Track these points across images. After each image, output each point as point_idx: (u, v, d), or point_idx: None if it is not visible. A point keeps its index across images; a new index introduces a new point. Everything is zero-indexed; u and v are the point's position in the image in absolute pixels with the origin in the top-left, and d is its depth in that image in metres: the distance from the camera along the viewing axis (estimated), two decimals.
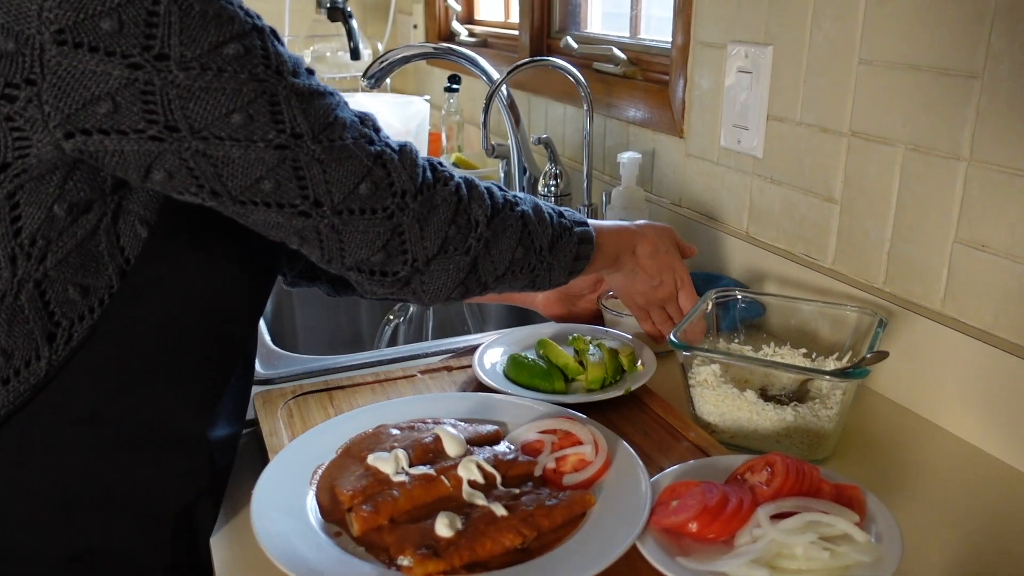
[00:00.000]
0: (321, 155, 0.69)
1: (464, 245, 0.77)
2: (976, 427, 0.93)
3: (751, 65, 1.20)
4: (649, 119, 1.48)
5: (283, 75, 0.67)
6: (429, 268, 0.76)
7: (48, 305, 0.67)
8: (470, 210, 0.77)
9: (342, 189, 0.70)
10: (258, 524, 0.70)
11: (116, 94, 0.61)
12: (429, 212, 0.75)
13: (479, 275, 0.79)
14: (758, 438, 0.90)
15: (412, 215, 0.74)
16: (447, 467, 0.76)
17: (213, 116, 0.64)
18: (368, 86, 1.59)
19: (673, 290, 1.02)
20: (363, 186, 0.71)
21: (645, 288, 1.01)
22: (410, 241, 0.74)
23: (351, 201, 0.71)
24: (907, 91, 0.97)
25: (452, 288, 0.78)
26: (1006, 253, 0.88)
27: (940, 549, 0.77)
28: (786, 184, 1.18)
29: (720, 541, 0.69)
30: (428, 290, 0.78)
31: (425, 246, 0.75)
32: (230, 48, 0.64)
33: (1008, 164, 0.87)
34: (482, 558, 0.67)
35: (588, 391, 0.96)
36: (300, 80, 0.68)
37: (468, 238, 0.77)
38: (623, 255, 0.97)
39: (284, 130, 0.66)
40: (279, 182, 0.68)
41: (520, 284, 0.84)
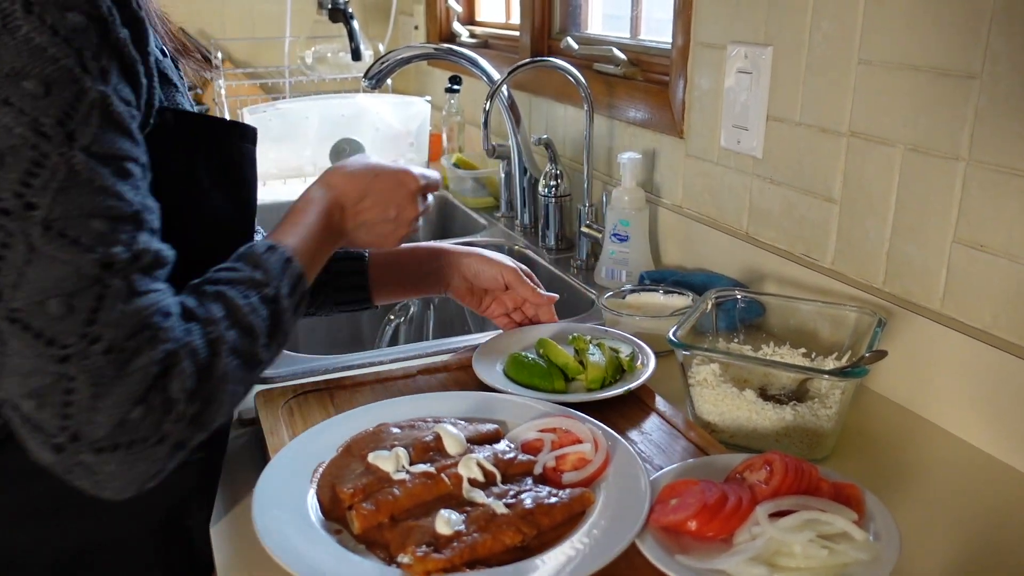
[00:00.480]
0: (37, 242, 0.57)
1: (155, 432, 0.60)
2: (974, 426, 0.93)
3: (751, 66, 1.21)
4: (649, 120, 1.48)
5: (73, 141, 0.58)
6: (102, 463, 0.58)
7: None
8: (168, 388, 0.60)
9: (30, 294, 0.57)
10: (259, 522, 0.70)
11: None
12: (114, 378, 0.58)
13: (191, 444, 0.64)
14: (757, 437, 0.90)
15: (90, 371, 0.57)
16: (447, 465, 0.77)
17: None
18: (369, 87, 1.60)
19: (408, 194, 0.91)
20: (54, 303, 0.57)
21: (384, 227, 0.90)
22: (76, 405, 0.57)
23: (32, 313, 0.57)
24: (906, 92, 0.97)
25: (147, 480, 0.62)
26: (1004, 253, 0.89)
27: (938, 547, 0.77)
28: (786, 184, 1.18)
29: (719, 539, 0.69)
30: (109, 487, 0.61)
31: (93, 421, 0.57)
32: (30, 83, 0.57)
33: (1006, 164, 0.87)
34: (482, 555, 0.67)
35: (588, 390, 0.96)
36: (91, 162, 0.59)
37: (163, 422, 0.60)
38: (335, 227, 0.86)
39: (23, 194, 0.57)
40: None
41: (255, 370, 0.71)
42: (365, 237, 0.90)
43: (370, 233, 0.90)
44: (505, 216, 1.85)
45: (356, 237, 0.90)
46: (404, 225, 0.91)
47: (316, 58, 2.55)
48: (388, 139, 2.11)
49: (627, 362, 1.00)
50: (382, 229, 0.90)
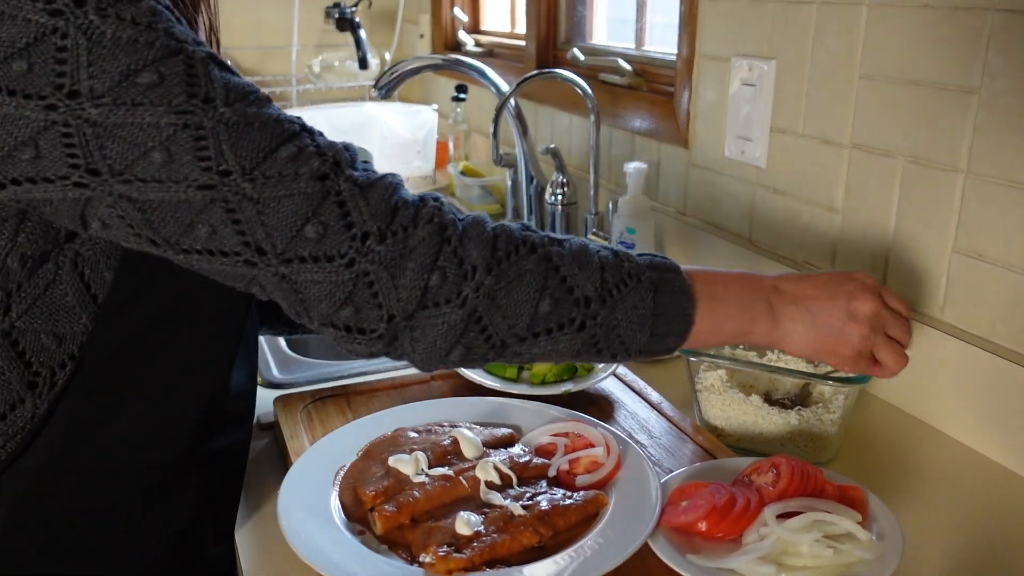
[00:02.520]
0: (253, 194, 0.60)
1: (457, 294, 0.63)
2: (975, 431, 0.96)
3: (755, 78, 1.23)
4: (654, 129, 1.51)
5: (212, 104, 0.60)
6: (414, 323, 0.63)
7: (23, 355, 0.67)
8: (462, 253, 0.64)
9: (284, 234, 0.61)
10: (285, 523, 0.73)
11: (38, 138, 0.58)
12: (401, 257, 0.62)
13: (489, 334, 0.65)
14: (763, 441, 0.93)
15: (378, 261, 0.62)
16: (465, 468, 0.79)
17: (133, 155, 0.58)
18: (378, 96, 1.63)
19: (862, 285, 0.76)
20: (309, 229, 0.61)
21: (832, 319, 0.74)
22: (382, 292, 0.62)
23: (298, 247, 0.61)
24: (907, 105, 1.00)
25: (448, 349, 0.65)
26: (1003, 262, 0.91)
27: (940, 548, 0.80)
28: (789, 194, 1.21)
29: (728, 540, 0.72)
30: (417, 351, 0.65)
31: (400, 297, 0.62)
32: (143, 76, 0.58)
33: (1004, 176, 0.90)
34: (501, 555, 0.70)
35: (531, 384, 1.01)
36: (237, 108, 0.60)
37: (461, 286, 0.63)
38: (761, 293, 0.73)
39: (210, 167, 0.59)
40: (213, 227, 0.60)
41: (571, 347, 0.67)
42: (807, 330, 0.73)
43: (815, 324, 0.73)
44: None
45: (795, 325, 0.73)
46: (856, 319, 0.73)
47: (323, 67, 2.58)
48: (395, 147, 2.14)
49: (581, 364, 1.04)
50: (826, 320, 0.73)
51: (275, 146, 0.61)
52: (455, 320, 0.64)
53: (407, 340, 0.64)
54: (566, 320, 0.66)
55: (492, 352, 0.66)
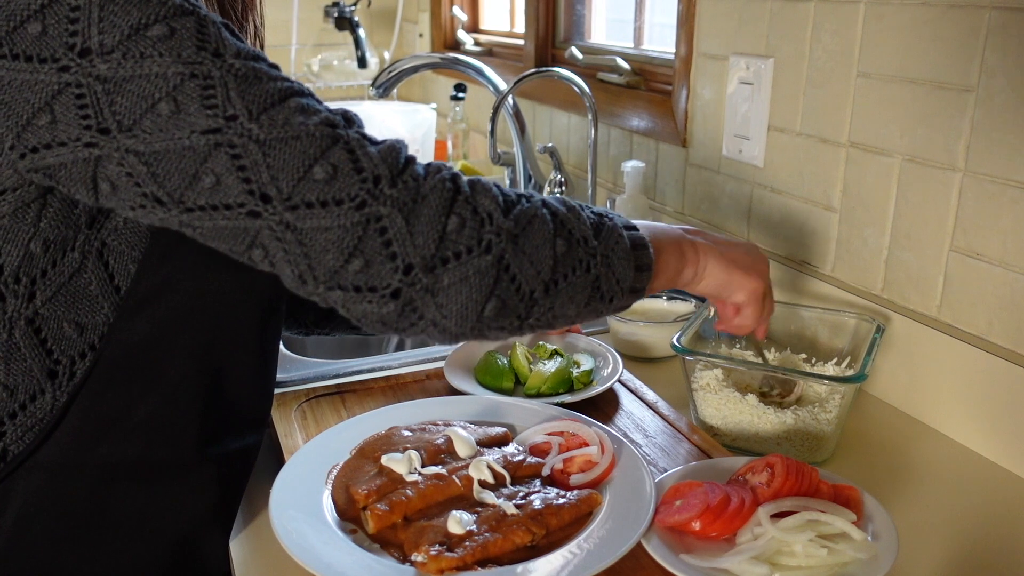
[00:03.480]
0: (260, 135, 0.58)
1: (479, 242, 0.60)
2: (971, 431, 0.95)
3: (752, 77, 1.23)
4: (652, 128, 1.51)
5: (221, 57, 0.59)
6: (437, 280, 0.59)
7: (45, 343, 0.67)
8: (474, 201, 0.62)
9: (290, 175, 0.58)
10: (277, 522, 0.72)
11: (53, 102, 0.58)
12: (415, 202, 0.59)
13: (518, 283, 0.61)
14: (759, 440, 0.93)
15: (390, 203, 0.59)
16: (458, 467, 0.79)
17: (141, 109, 0.57)
18: (376, 95, 1.62)
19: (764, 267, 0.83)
20: (318, 169, 0.58)
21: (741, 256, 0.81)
22: (396, 239, 0.59)
23: (305, 190, 0.58)
24: (904, 104, 1.00)
25: (483, 302, 0.60)
26: (1000, 261, 0.91)
27: (935, 548, 0.79)
28: (786, 193, 1.21)
29: (722, 539, 0.72)
30: (450, 313, 0.60)
31: (417, 244, 0.59)
32: (153, 30, 0.58)
33: (1001, 175, 0.89)
34: (493, 554, 0.70)
35: (525, 395, 1.00)
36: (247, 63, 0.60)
37: (481, 232, 0.60)
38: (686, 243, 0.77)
39: (216, 114, 0.58)
40: (218, 176, 0.58)
41: (582, 294, 0.66)
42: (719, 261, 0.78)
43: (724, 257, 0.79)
44: None
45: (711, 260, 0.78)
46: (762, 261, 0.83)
47: (322, 65, 2.58)
48: None
49: (578, 378, 1.02)
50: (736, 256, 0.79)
51: (284, 96, 0.60)
52: (485, 267, 0.60)
53: (431, 307, 0.60)
54: (576, 261, 0.65)
55: (523, 306, 0.63)
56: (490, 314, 0.61)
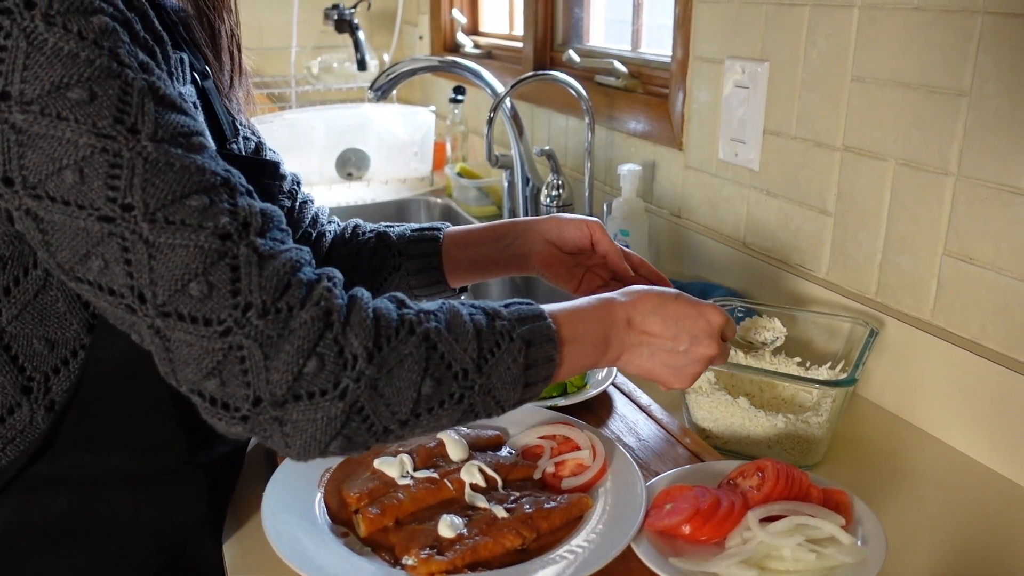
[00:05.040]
0: (149, 236, 0.57)
1: (335, 385, 0.59)
2: (963, 434, 0.96)
3: (748, 80, 1.23)
4: (649, 131, 1.51)
5: (136, 135, 0.58)
6: (286, 413, 0.59)
7: (16, 360, 0.67)
8: (342, 341, 0.60)
9: (168, 285, 0.58)
10: (269, 525, 0.73)
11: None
12: (279, 337, 0.58)
13: (371, 423, 0.61)
14: (751, 444, 0.93)
15: (254, 336, 0.58)
16: (450, 471, 0.79)
17: (47, 170, 0.57)
18: (374, 98, 1.63)
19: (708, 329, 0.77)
20: (195, 286, 0.58)
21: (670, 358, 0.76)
22: (252, 371, 0.58)
23: (179, 302, 0.58)
24: (898, 108, 1.00)
25: (327, 441, 0.61)
26: (992, 266, 0.91)
27: (925, 552, 0.79)
28: (781, 196, 1.21)
29: (712, 543, 0.72)
30: (294, 446, 0.61)
31: (271, 380, 0.58)
32: (74, 92, 0.57)
33: (994, 179, 0.90)
34: (483, 558, 0.70)
35: None
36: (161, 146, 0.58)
37: (339, 376, 0.59)
38: (614, 332, 0.74)
39: (116, 199, 0.57)
40: (107, 262, 0.58)
41: (450, 418, 0.65)
42: (645, 362, 0.75)
43: (652, 360, 0.75)
44: None
45: (634, 358, 0.75)
46: (696, 363, 0.76)
47: (322, 68, 2.58)
48: (393, 149, 2.14)
49: (572, 381, 1.02)
50: (666, 359, 0.76)
51: (187, 192, 0.59)
52: (335, 413, 0.60)
53: (278, 434, 0.60)
54: (447, 395, 0.63)
55: (374, 439, 0.63)
56: (335, 449, 0.62)
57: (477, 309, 0.67)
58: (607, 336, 0.73)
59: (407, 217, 2.14)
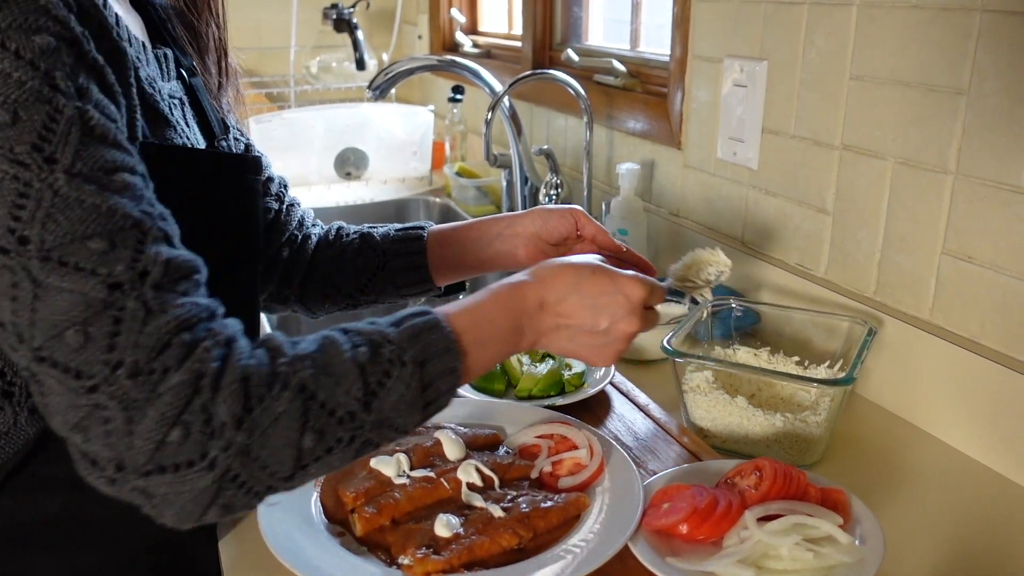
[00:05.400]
0: (39, 275, 0.54)
1: (202, 456, 0.55)
2: (962, 433, 0.95)
3: (746, 79, 1.23)
4: (648, 130, 1.51)
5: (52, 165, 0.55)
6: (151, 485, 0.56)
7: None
8: (212, 407, 0.56)
9: (46, 330, 0.54)
10: (265, 524, 0.72)
11: None
12: (146, 400, 0.54)
13: (248, 487, 0.58)
14: (749, 443, 0.92)
15: (119, 397, 0.54)
16: (447, 470, 0.79)
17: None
18: (372, 98, 1.63)
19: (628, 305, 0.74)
20: (71, 335, 0.54)
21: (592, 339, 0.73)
22: (115, 434, 0.54)
23: (54, 348, 0.55)
24: (896, 106, 1.00)
25: (201, 512, 0.57)
26: (991, 264, 0.91)
27: (923, 552, 0.79)
28: (780, 195, 1.21)
29: (709, 542, 0.72)
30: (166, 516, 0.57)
31: (132, 446, 0.54)
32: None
33: (992, 178, 0.89)
34: (480, 557, 0.70)
35: (516, 398, 1.01)
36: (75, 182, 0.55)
37: (207, 446, 0.55)
38: (526, 320, 0.71)
39: (15, 229, 0.54)
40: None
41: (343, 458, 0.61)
42: (566, 345, 0.73)
43: (572, 342, 0.73)
44: None
45: (553, 342, 0.73)
46: (619, 341, 0.74)
47: (321, 67, 2.58)
48: (392, 148, 2.14)
49: (569, 380, 1.03)
50: (588, 340, 0.73)
51: (89, 234, 0.55)
52: (205, 484, 0.56)
53: (147, 505, 0.57)
54: (333, 442, 0.60)
55: (257, 499, 0.59)
56: (214, 516, 0.58)
57: (361, 339, 0.62)
58: (518, 325, 0.71)
59: (406, 217, 2.14)
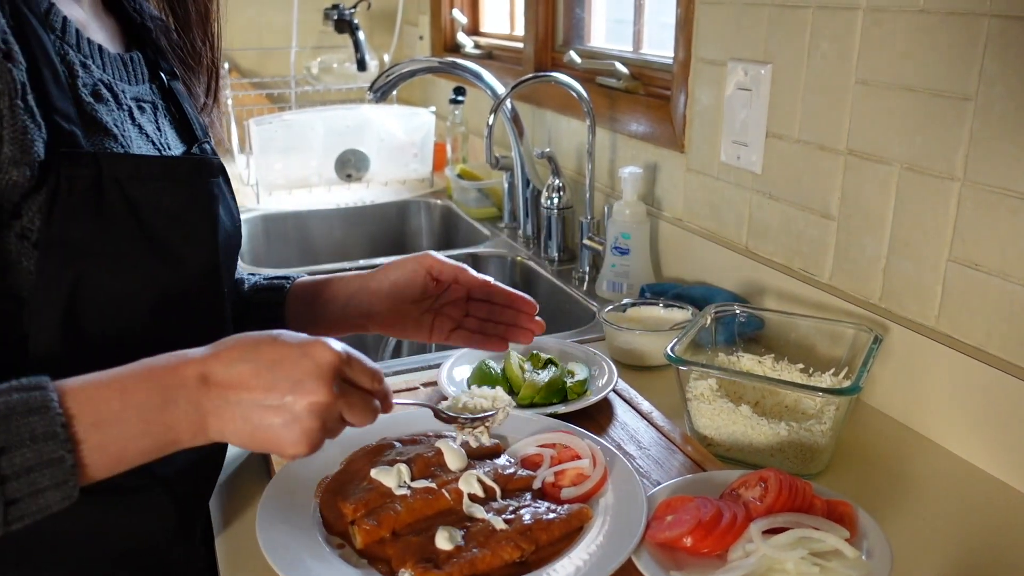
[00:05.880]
0: None
1: None
2: (968, 442, 0.94)
3: (750, 82, 1.22)
4: (651, 133, 1.50)
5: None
6: None
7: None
8: None
9: None
10: (263, 536, 0.71)
11: None
12: None
13: None
14: (753, 452, 0.92)
15: None
16: (448, 480, 0.78)
17: None
18: (374, 100, 1.62)
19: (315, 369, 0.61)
20: None
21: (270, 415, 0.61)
22: None
23: None
24: (902, 112, 0.99)
25: None
26: (998, 272, 0.90)
27: (930, 563, 0.78)
28: (784, 200, 1.20)
29: (714, 555, 0.71)
30: None
31: None
32: None
33: (1000, 185, 0.88)
34: (481, 571, 0.69)
35: (519, 406, 0.99)
36: None
37: None
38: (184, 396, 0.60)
39: None
40: None
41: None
42: (240, 426, 0.60)
43: (247, 421, 0.60)
44: (508, 227, 1.87)
45: (223, 424, 0.61)
46: (306, 415, 0.60)
47: (322, 68, 2.57)
48: (392, 150, 2.13)
49: (572, 388, 1.01)
50: (265, 417, 0.60)
51: None
52: None
53: None
54: None
55: None
56: None
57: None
58: (169, 401, 0.59)
59: (408, 219, 2.13)
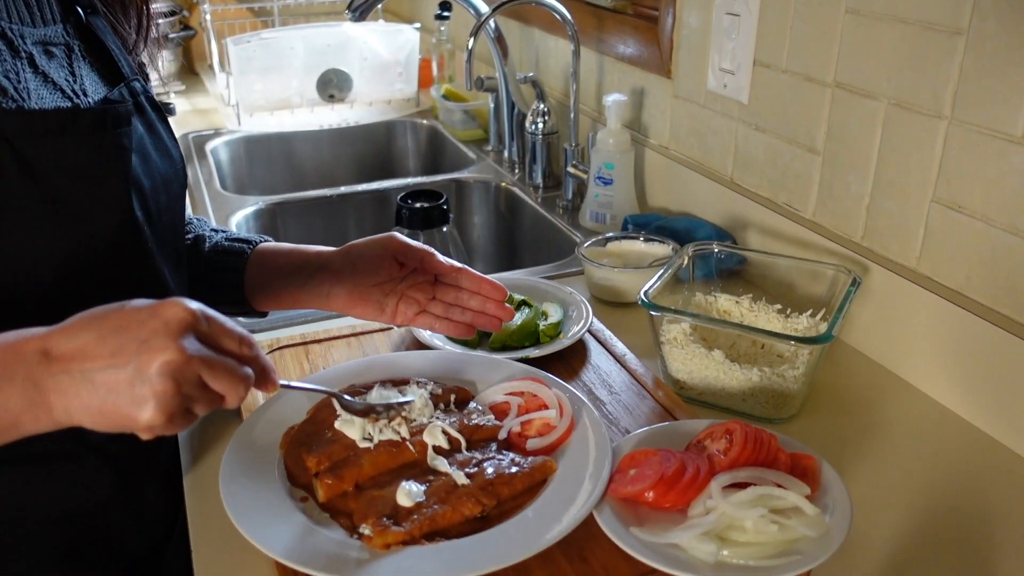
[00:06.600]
0: None
1: None
2: (944, 387, 0.94)
3: (739, 7, 1.17)
4: (638, 56, 1.44)
5: None
6: None
7: None
8: None
9: None
10: (225, 490, 0.71)
11: None
12: None
13: None
14: (726, 396, 0.91)
15: None
16: (412, 432, 0.78)
17: None
18: (352, 19, 1.56)
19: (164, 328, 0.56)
20: None
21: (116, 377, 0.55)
22: None
23: None
24: (892, 44, 0.94)
25: None
26: (981, 215, 0.87)
27: (893, 513, 0.78)
28: (770, 132, 1.16)
29: (676, 510, 0.71)
30: None
31: None
32: None
33: (987, 125, 0.85)
34: (442, 527, 0.69)
35: (491, 349, 0.99)
36: None
37: None
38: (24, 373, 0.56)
39: None
40: None
41: None
42: (87, 399, 0.56)
43: (94, 393, 0.55)
44: (495, 150, 1.83)
45: (69, 400, 0.56)
46: (152, 379, 0.55)
47: None
48: (376, 69, 2.07)
49: (544, 331, 1.00)
50: (110, 380, 0.55)
51: None
52: None
53: None
54: None
55: None
56: None
57: None
58: (4, 379, 0.55)
59: (394, 140, 2.09)
